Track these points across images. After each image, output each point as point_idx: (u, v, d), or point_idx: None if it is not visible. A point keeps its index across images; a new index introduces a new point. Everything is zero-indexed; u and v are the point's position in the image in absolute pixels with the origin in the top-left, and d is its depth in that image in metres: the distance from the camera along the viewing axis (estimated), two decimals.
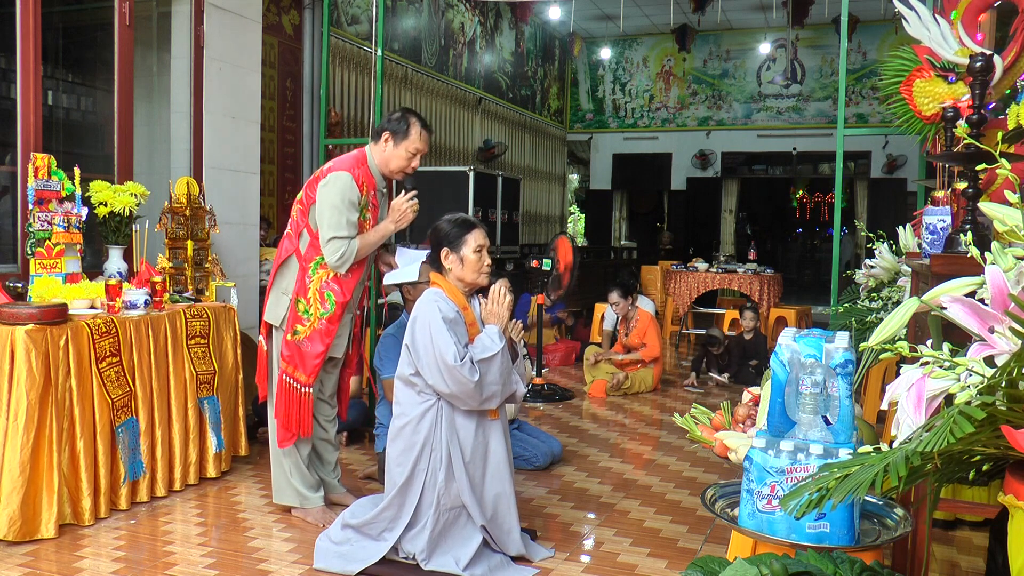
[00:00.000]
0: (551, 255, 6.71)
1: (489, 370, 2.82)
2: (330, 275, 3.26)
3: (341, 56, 7.85)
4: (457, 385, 2.79)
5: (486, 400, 2.85)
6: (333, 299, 3.26)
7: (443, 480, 2.86)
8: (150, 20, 4.91)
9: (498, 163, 11.29)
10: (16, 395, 3.02)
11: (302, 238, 3.29)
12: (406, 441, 2.90)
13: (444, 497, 2.86)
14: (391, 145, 3.29)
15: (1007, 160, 1.49)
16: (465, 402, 2.85)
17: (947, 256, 2.25)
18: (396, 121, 3.29)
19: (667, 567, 3.02)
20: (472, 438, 2.90)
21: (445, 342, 2.79)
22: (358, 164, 3.29)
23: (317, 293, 3.26)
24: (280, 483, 3.44)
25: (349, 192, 3.19)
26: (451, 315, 2.88)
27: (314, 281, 3.26)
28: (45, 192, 3.61)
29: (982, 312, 1.37)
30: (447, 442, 2.87)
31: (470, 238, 2.99)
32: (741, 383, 6.69)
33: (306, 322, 3.26)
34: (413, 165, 3.32)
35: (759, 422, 2.48)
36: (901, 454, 1.20)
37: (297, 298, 3.26)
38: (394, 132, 3.27)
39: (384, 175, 3.37)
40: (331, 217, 3.17)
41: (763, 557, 1.57)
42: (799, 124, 12.90)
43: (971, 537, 3.36)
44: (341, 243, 3.17)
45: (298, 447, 3.39)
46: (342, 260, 3.19)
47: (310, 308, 3.25)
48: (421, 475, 2.88)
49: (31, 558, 2.94)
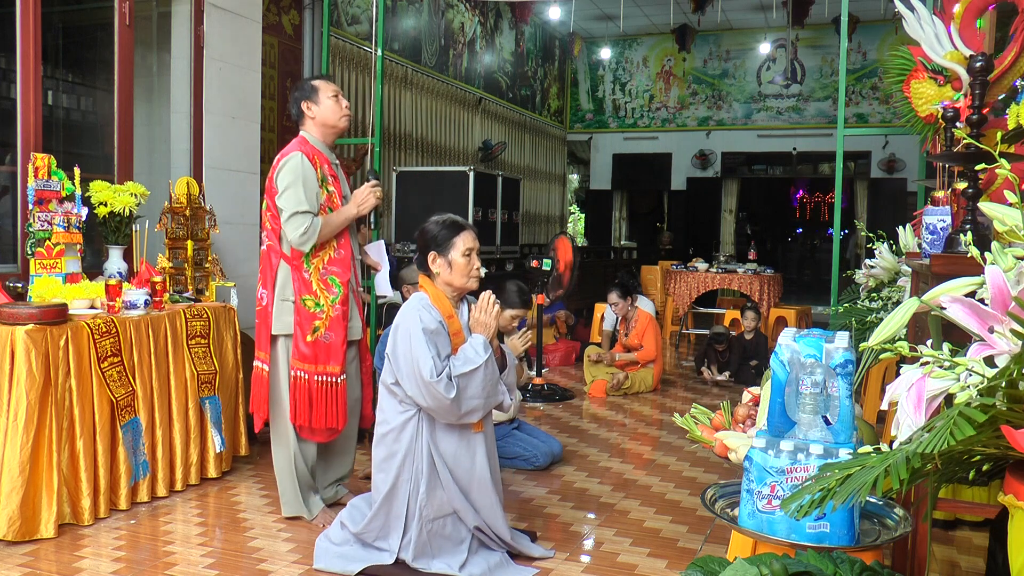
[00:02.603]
0: (551, 255, 6.71)
1: (469, 384, 2.72)
2: (325, 260, 3.26)
3: (341, 56, 7.85)
4: (433, 400, 2.71)
5: (465, 415, 2.76)
6: (337, 281, 3.27)
7: (424, 491, 2.80)
8: (150, 20, 4.91)
9: (498, 163, 11.29)
10: (16, 395, 3.02)
11: (283, 241, 3.28)
12: (388, 449, 2.85)
13: (427, 508, 2.81)
14: (314, 107, 3.38)
15: (1007, 160, 1.49)
16: (444, 417, 2.77)
17: (947, 256, 2.25)
18: (300, 91, 3.42)
19: (667, 567, 3.02)
20: (454, 450, 2.83)
21: (423, 355, 2.70)
22: (301, 145, 3.33)
23: (320, 283, 3.26)
24: (288, 495, 3.42)
25: (302, 168, 3.23)
26: (432, 326, 2.78)
27: (312, 273, 3.25)
28: (45, 192, 3.61)
29: (982, 312, 1.37)
30: (429, 453, 2.81)
31: (459, 241, 2.88)
32: (741, 383, 6.69)
33: (321, 315, 3.25)
34: (344, 106, 3.40)
35: (759, 422, 2.48)
36: (902, 455, 1.20)
37: (302, 297, 3.25)
38: (307, 98, 3.39)
39: (328, 142, 3.42)
40: (290, 195, 3.19)
41: (763, 557, 1.57)
42: (799, 124, 12.90)
43: (971, 537, 3.36)
44: (303, 217, 3.16)
45: (303, 451, 3.38)
46: (306, 236, 3.17)
47: (320, 300, 3.25)
48: (405, 485, 2.83)
49: (31, 558, 2.94)
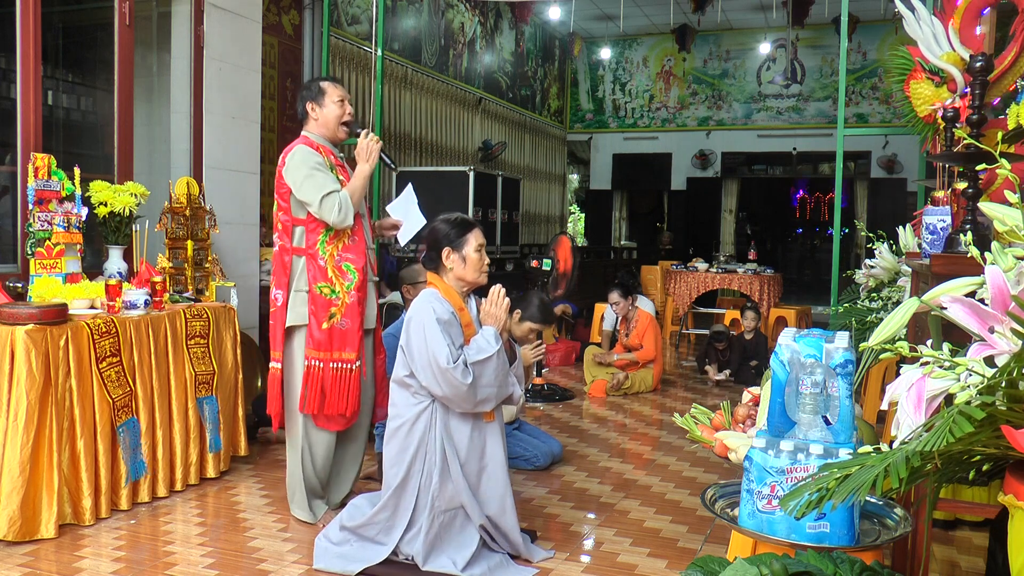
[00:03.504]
0: (551, 255, 6.71)
1: (484, 372, 2.80)
2: (339, 248, 3.28)
3: (341, 56, 7.85)
4: (450, 388, 2.77)
5: (480, 403, 2.83)
6: (353, 268, 3.29)
7: (438, 482, 2.84)
8: (150, 20, 4.91)
9: (498, 163, 11.29)
10: (16, 395, 3.02)
11: (295, 235, 3.30)
12: (401, 443, 2.89)
13: (439, 500, 2.85)
14: (319, 109, 3.41)
15: (1007, 160, 1.49)
16: (459, 405, 2.83)
17: (947, 256, 2.26)
18: (308, 91, 3.45)
19: (667, 567, 3.02)
20: (467, 440, 2.88)
21: (438, 344, 2.77)
22: (304, 140, 3.39)
23: (336, 270, 3.27)
24: (297, 497, 3.42)
25: (310, 157, 3.27)
26: (446, 316, 2.87)
27: (327, 260, 3.27)
28: (45, 192, 3.61)
29: (982, 312, 1.37)
30: (442, 444, 2.85)
31: (471, 237, 2.99)
32: (741, 383, 6.69)
33: (337, 302, 3.26)
34: (347, 110, 3.44)
35: (759, 422, 2.48)
36: (901, 455, 1.20)
37: (317, 284, 3.26)
38: (313, 99, 3.42)
39: (330, 139, 3.45)
40: (310, 182, 3.22)
41: (763, 557, 1.57)
42: (799, 124, 12.90)
43: (971, 537, 3.36)
44: (333, 197, 3.20)
45: (314, 451, 3.38)
46: (343, 212, 3.21)
47: (335, 287, 3.27)
48: (416, 477, 2.87)
49: (31, 558, 2.94)
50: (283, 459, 4.30)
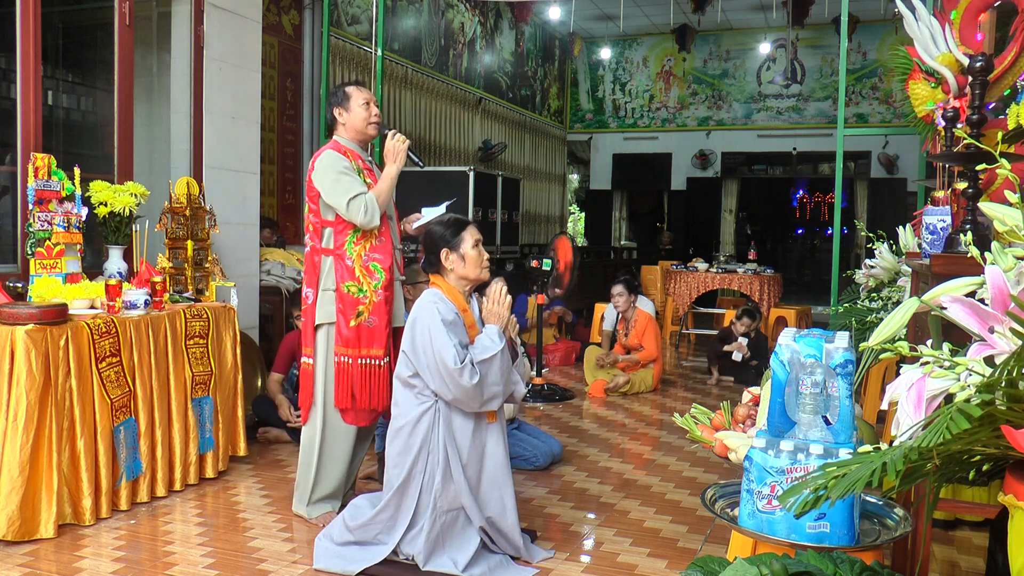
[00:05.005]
0: (551, 255, 6.71)
1: (489, 371, 2.81)
2: (367, 248, 3.32)
3: (341, 56, 7.85)
4: (458, 388, 2.79)
5: (487, 401, 2.85)
6: (380, 267, 3.33)
7: (440, 482, 2.86)
8: (150, 20, 4.91)
9: (498, 163, 11.29)
10: (16, 395, 3.02)
11: (324, 236, 3.35)
12: (403, 443, 2.90)
13: (441, 499, 2.86)
14: (346, 115, 3.46)
15: (1007, 160, 1.49)
16: (467, 404, 2.84)
17: (947, 256, 2.26)
18: (334, 97, 3.51)
19: (667, 567, 3.02)
20: (469, 440, 2.90)
21: (444, 345, 2.79)
22: (333, 145, 3.43)
23: (363, 269, 3.31)
24: (301, 489, 3.42)
25: (338, 162, 3.32)
26: (450, 317, 2.88)
27: (355, 260, 3.31)
28: (45, 192, 3.61)
29: (982, 312, 1.37)
30: (444, 444, 2.87)
31: (466, 235, 3.02)
32: (741, 383, 6.69)
33: (365, 300, 3.30)
34: (374, 112, 3.48)
35: (759, 422, 2.48)
36: (899, 451, 1.20)
37: (345, 283, 3.30)
38: (340, 104, 3.47)
39: (360, 141, 3.49)
40: (338, 186, 3.27)
41: (763, 557, 1.57)
42: (799, 124, 12.90)
43: (971, 537, 3.36)
44: (359, 199, 3.25)
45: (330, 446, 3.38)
46: (370, 214, 3.26)
47: (363, 286, 3.31)
48: (418, 477, 2.88)
49: (31, 558, 2.94)
50: (283, 459, 4.31)
